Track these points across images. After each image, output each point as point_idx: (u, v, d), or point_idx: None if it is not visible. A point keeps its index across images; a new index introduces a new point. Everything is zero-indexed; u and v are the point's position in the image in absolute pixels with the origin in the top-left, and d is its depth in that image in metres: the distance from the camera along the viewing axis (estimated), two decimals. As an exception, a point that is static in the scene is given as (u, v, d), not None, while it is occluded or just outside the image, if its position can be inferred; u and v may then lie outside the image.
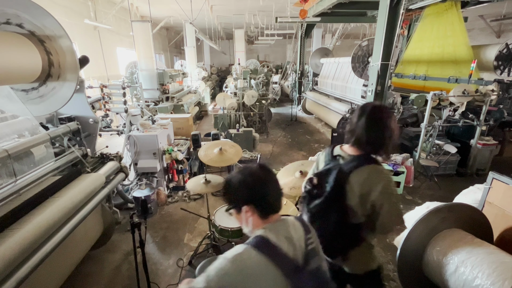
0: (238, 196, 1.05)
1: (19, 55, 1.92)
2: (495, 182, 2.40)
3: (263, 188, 1.04)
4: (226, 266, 0.91)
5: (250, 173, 1.05)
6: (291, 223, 1.06)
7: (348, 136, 1.44)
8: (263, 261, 0.92)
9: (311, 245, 1.05)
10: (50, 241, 1.93)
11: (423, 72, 6.29)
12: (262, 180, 1.04)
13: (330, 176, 1.41)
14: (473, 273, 1.89)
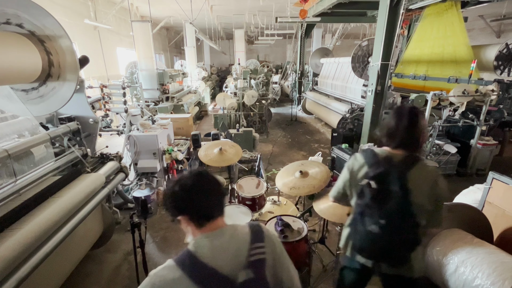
0: (171, 207, 1.00)
1: (19, 55, 1.92)
2: (495, 182, 2.40)
3: (193, 197, 0.97)
4: (145, 282, 0.89)
5: (180, 182, 0.99)
6: (233, 232, 1.00)
7: (389, 139, 1.49)
8: (181, 278, 0.88)
9: (257, 255, 0.97)
10: (50, 241, 1.93)
11: (423, 72, 6.28)
12: (191, 189, 0.97)
13: (390, 177, 1.39)
14: (473, 273, 1.89)
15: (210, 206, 1.00)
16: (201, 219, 0.98)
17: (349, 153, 4.71)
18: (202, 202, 0.98)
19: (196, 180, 0.99)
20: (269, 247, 1.02)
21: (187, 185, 0.97)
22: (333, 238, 3.22)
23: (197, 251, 0.93)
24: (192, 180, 0.99)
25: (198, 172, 1.02)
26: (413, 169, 1.40)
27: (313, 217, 3.37)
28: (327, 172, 2.44)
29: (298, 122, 9.50)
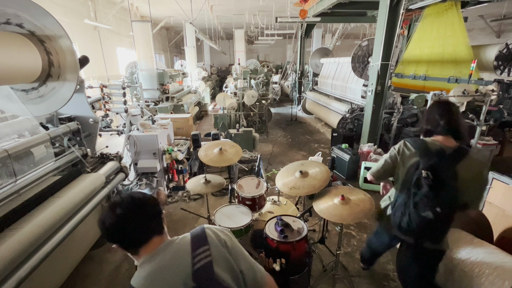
0: (103, 236, 0.98)
1: (19, 55, 1.92)
2: (495, 182, 2.40)
3: (119, 227, 0.95)
4: None
5: (103, 216, 0.97)
6: (171, 249, 0.99)
7: (438, 130, 1.63)
8: None
9: (201, 261, 0.96)
10: (50, 241, 1.93)
11: (423, 72, 6.28)
12: (116, 218, 0.95)
13: (445, 169, 1.53)
14: (473, 273, 1.89)
15: (138, 232, 0.97)
16: (130, 248, 0.98)
17: (349, 153, 4.72)
18: (123, 232, 0.95)
19: (114, 211, 0.95)
20: (215, 246, 1.02)
21: (106, 219, 0.95)
22: (333, 238, 3.22)
23: (137, 284, 0.91)
24: (110, 213, 0.95)
25: (116, 202, 0.98)
26: (464, 160, 1.54)
27: (313, 217, 3.37)
28: (327, 172, 2.44)
29: (298, 122, 9.50)
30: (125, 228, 0.95)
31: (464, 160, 1.54)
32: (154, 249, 0.98)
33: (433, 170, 1.52)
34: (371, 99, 5.01)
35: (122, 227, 0.95)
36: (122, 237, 0.96)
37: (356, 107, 6.58)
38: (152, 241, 0.98)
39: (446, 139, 1.62)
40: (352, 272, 2.79)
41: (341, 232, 2.37)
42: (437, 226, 1.61)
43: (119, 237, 0.96)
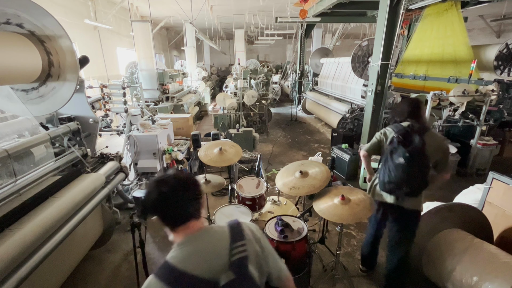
0: (145, 207, 1.00)
1: (19, 55, 1.92)
2: (495, 182, 2.40)
3: (162, 203, 0.98)
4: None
5: (150, 185, 1.00)
6: (210, 235, 1.01)
7: (405, 116, 2.21)
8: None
9: (238, 254, 0.97)
10: (50, 241, 1.93)
11: (423, 72, 6.28)
12: (159, 194, 0.97)
13: (411, 133, 2.08)
14: (473, 273, 1.89)
15: (182, 210, 0.99)
16: (172, 223, 1.00)
17: (349, 153, 4.72)
18: (174, 205, 0.98)
19: (168, 183, 0.98)
20: (250, 244, 1.03)
21: (150, 194, 0.98)
22: (333, 238, 3.22)
23: (175, 261, 0.94)
24: (164, 183, 0.98)
25: (170, 175, 1.01)
26: (427, 133, 2.10)
27: (313, 217, 3.37)
28: (327, 172, 2.44)
29: (298, 122, 9.50)
30: (165, 207, 0.98)
31: (428, 133, 2.10)
32: (193, 231, 1.00)
33: (403, 134, 2.11)
34: (371, 99, 5.01)
35: (163, 205, 0.97)
36: (161, 213, 0.99)
37: (356, 107, 6.58)
38: (190, 223, 1.00)
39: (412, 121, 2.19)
40: (352, 272, 2.79)
41: (341, 232, 2.37)
42: (409, 172, 2.05)
43: (170, 211, 0.99)
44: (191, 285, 0.90)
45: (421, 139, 2.04)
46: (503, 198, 2.35)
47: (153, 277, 0.93)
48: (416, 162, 2.04)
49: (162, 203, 0.97)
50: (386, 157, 2.19)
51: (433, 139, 2.10)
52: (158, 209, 0.98)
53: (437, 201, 3.21)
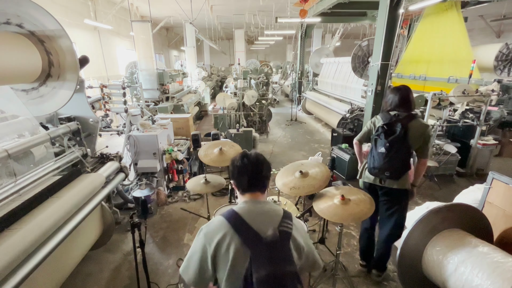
0: (229, 172, 1.33)
1: (19, 55, 1.92)
2: (495, 182, 2.40)
3: (241, 170, 1.26)
4: (198, 234, 1.19)
5: (237, 157, 1.30)
6: (268, 206, 1.26)
7: (394, 105, 2.38)
8: (224, 224, 1.15)
9: (285, 227, 1.18)
10: (50, 241, 1.93)
11: (423, 72, 6.29)
12: (241, 163, 1.27)
13: (396, 123, 2.27)
14: (473, 273, 1.89)
15: (253, 182, 1.27)
16: (242, 188, 1.28)
17: (349, 153, 4.72)
18: (247, 176, 1.26)
19: (249, 159, 1.28)
20: (296, 227, 1.23)
21: (241, 160, 1.28)
22: (333, 238, 3.22)
23: (240, 211, 1.20)
24: (246, 158, 1.28)
25: (252, 154, 1.31)
26: (412, 121, 2.27)
27: (313, 217, 3.37)
28: (327, 172, 2.44)
29: (298, 122, 9.50)
30: (246, 173, 1.26)
31: (413, 121, 2.27)
32: (255, 198, 1.27)
33: (388, 124, 2.29)
34: (371, 99, 5.01)
35: (244, 171, 1.26)
36: (244, 181, 1.26)
37: (356, 107, 6.58)
38: (256, 193, 1.28)
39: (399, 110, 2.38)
40: (352, 272, 2.79)
41: (341, 232, 2.37)
42: (390, 159, 2.28)
43: (244, 180, 1.26)
44: (245, 231, 1.14)
45: (403, 129, 2.23)
46: (503, 198, 2.35)
47: (221, 217, 1.19)
48: (396, 150, 2.27)
49: (244, 169, 1.26)
50: (372, 145, 2.44)
51: (417, 127, 2.27)
52: (240, 173, 1.27)
53: (437, 201, 3.21)
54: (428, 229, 2.25)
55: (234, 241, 1.11)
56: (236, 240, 1.11)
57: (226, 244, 1.11)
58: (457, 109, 4.96)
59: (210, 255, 1.12)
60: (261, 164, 1.29)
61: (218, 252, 1.12)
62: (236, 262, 1.10)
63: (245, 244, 1.11)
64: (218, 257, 1.12)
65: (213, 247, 1.12)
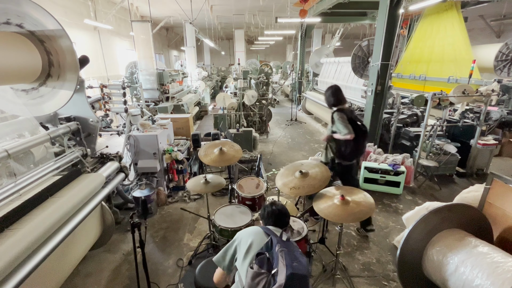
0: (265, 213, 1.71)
1: (19, 55, 1.92)
2: (495, 182, 2.40)
3: (274, 213, 1.68)
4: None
5: (273, 205, 1.71)
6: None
7: (337, 101, 3.13)
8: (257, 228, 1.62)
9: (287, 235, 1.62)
10: (50, 241, 1.93)
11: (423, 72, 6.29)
12: (274, 210, 1.70)
13: (351, 113, 3.06)
14: (473, 273, 1.89)
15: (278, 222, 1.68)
16: (269, 223, 1.68)
17: (349, 153, 4.72)
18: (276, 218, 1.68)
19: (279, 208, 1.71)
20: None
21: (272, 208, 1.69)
22: (333, 238, 3.22)
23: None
24: (276, 207, 1.70)
25: (283, 207, 1.72)
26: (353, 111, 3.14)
27: (313, 217, 3.37)
28: (327, 172, 2.44)
29: (298, 122, 9.50)
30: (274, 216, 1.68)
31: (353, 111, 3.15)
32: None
33: (348, 114, 3.00)
34: (371, 99, 5.01)
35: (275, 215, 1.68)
36: (272, 219, 1.66)
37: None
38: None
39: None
40: (352, 272, 2.79)
41: (341, 232, 2.37)
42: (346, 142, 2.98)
43: (270, 218, 1.67)
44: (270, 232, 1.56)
45: (356, 118, 3.07)
46: (503, 198, 2.35)
47: (256, 227, 1.63)
48: (359, 135, 3.01)
49: (274, 215, 1.67)
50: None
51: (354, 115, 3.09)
52: (270, 217, 1.66)
53: (437, 201, 3.21)
54: (428, 229, 2.25)
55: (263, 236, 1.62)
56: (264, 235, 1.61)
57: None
58: (457, 109, 4.96)
59: None
60: (286, 215, 1.70)
61: None
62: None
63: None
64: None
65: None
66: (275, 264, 1.36)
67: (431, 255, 2.21)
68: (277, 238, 1.49)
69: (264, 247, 1.46)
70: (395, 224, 3.57)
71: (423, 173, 4.83)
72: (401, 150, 5.16)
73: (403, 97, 6.11)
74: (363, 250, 3.10)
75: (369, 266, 2.86)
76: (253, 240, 1.54)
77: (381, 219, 3.68)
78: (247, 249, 1.51)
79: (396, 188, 4.26)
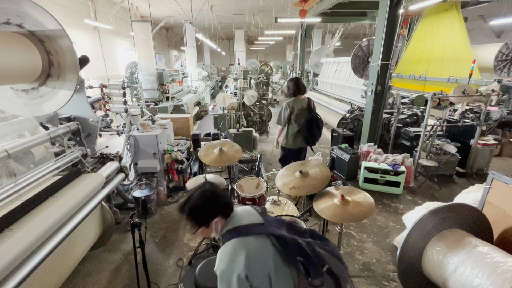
0: (205, 216, 1.29)
1: (19, 55, 1.92)
2: (495, 182, 2.40)
3: (221, 198, 1.32)
4: (227, 263, 1.17)
5: (203, 194, 1.31)
6: (240, 207, 1.41)
7: (296, 91, 3.75)
8: (239, 242, 1.21)
9: (266, 217, 1.37)
10: (50, 241, 1.93)
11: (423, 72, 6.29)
12: (215, 193, 1.33)
13: (310, 104, 3.72)
14: (473, 273, 1.89)
15: (230, 198, 1.41)
16: (230, 210, 1.33)
17: (349, 153, 4.72)
18: (226, 197, 1.36)
19: (212, 186, 1.37)
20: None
21: (212, 191, 1.33)
22: (333, 238, 3.22)
23: (235, 224, 1.29)
24: (211, 187, 1.35)
25: (207, 183, 1.40)
26: (310, 101, 3.68)
27: (313, 217, 3.37)
28: (327, 172, 2.44)
29: (298, 122, 9.47)
30: (227, 195, 1.42)
31: (310, 102, 3.66)
32: (233, 212, 1.36)
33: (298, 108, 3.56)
34: (371, 99, 5.01)
35: (226, 193, 1.43)
36: (229, 201, 1.38)
37: (356, 107, 6.57)
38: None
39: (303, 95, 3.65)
40: (352, 272, 2.79)
41: (341, 232, 2.37)
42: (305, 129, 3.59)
43: (228, 202, 1.37)
44: (248, 229, 1.26)
45: (309, 109, 3.63)
46: (503, 198, 2.35)
47: (234, 241, 1.21)
48: (309, 123, 3.65)
49: (223, 193, 1.40)
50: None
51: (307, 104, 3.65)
52: (225, 199, 1.36)
53: (437, 201, 3.22)
54: (428, 229, 2.25)
55: (253, 239, 1.33)
56: (251, 238, 1.33)
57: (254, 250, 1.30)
58: (457, 109, 4.96)
59: None
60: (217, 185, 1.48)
61: None
62: None
63: (257, 234, 1.34)
64: None
65: None
66: (316, 263, 1.21)
67: (431, 255, 2.21)
68: (282, 237, 1.23)
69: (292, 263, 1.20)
70: (395, 224, 3.57)
71: (423, 173, 4.83)
72: (401, 150, 5.16)
73: (403, 97, 6.11)
74: (363, 250, 3.10)
75: (369, 266, 2.86)
76: (270, 268, 1.18)
77: (381, 219, 3.68)
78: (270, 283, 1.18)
79: (396, 188, 4.26)
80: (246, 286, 1.13)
